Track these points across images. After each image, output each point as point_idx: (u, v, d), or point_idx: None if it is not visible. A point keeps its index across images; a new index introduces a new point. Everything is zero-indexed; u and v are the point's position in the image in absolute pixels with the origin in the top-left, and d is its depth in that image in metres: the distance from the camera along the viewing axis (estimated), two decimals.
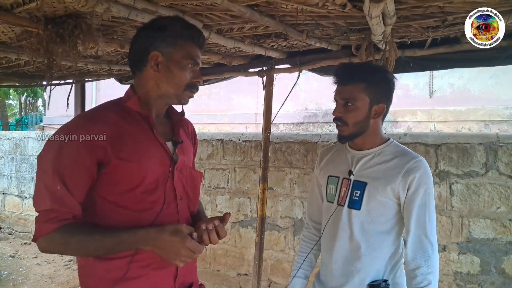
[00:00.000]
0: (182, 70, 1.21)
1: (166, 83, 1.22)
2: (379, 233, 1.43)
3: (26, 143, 5.85)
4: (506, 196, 2.88)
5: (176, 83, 1.22)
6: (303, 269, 1.66)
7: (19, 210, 5.93)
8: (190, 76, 1.23)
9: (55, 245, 1.11)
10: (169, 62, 1.21)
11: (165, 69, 1.21)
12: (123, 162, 1.14)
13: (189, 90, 1.25)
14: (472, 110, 8.14)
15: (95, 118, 1.19)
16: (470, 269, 2.98)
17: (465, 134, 3.15)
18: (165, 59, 1.20)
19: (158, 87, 1.23)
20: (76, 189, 1.11)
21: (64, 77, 3.57)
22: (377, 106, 1.44)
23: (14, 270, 4.66)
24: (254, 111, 10.45)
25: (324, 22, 1.86)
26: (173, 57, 1.21)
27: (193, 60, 1.23)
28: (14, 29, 2.00)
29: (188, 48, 1.23)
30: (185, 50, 1.22)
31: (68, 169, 1.11)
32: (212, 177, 4.17)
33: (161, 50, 1.20)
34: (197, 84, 1.27)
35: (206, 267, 4.17)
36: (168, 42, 1.20)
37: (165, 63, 1.21)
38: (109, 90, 2.42)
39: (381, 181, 1.41)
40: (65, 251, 1.19)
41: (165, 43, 1.20)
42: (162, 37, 1.21)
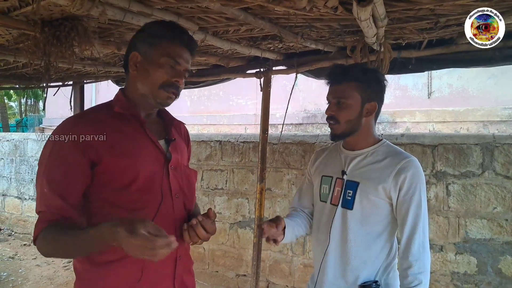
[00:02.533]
0: (158, 68, 1.19)
1: (142, 82, 1.22)
2: (372, 234, 1.45)
3: (26, 144, 5.86)
4: (503, 196, 2.89)
5: (150, 81, 1.20)
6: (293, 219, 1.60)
7: (19, 212, 5.95)
8: (167, 75, 1.20)
9: (43, 245, 1.12)
10: (146, 61, 1.21)
11: (142, 69, 1.21)
12: (114, 160, 1.15)
13: (166, 89, 1.21)
14: (471, 111, 8.15)
15: (85, 118, 1.22)
16: (467, 269, 2.99)
17: (461, 135, 3.16)
18: (143, 58, 1.21)
19: (137, 88, 1.24)
20: (66, 190, 1.12)
21: (62, 79, 3.59)
22: (369, 104, 1.46)
23: (13, 271, 4.67)
24: (253, 112, 10.46)
25: (318, 24, 1.87)
26: (150, 56, 1.20)
27: (172, 59, 1.20)
28: (12, 31, 2.01)
29: (167, 47, 1.21)
30: (163, 49, 1.20)
31: (57, 171, 1.12)
32: (210, 178, 4.18)
33: (140, 50, 1.21)
34: (176, 84, 1.22)
35: (205, 268, 4.18)
36: (147, 42, 1.21)
37: (142, 63, 1.21)
38: (109, 92, 2.46)
39: (373, 181, 1.43)
40: (53, 251, 1.15)
41: (144, 43, 1.22)
42: (142, 38, 1.23)
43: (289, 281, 3.72)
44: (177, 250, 1.26)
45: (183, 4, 1.63)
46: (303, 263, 3.66)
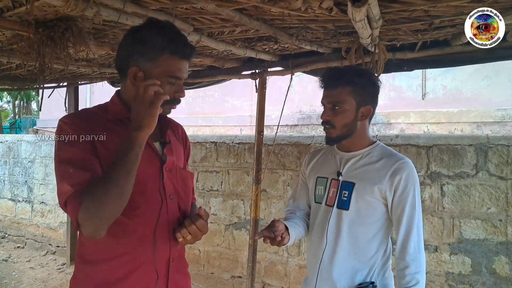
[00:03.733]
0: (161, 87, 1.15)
1: None
2: (367, 234, 1.45)
3: (19, 146, 5.82)
4: (496, 197, 2.90)
5: None
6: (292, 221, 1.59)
7: (12, 214, 5.90)
8: (171, 93, 1.19)
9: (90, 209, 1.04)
10: (147, 78, 1.14)
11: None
12: (109, 161, 1.13)
13: (169, 104, 1.22)
14: (465, 112, 8.20)
15: (83, 116, 1.22)
16: (461, 270, 3.00)
17: (456, 136, 3.18)
18: (144, 74, 1.15)
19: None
20: (91, 166, 1.11)
21: (57, 80, 3.57)
22: (364, 108, 1.47)
23: (7, 274, 4.63)
24: (249, 114, 10.46)
25: (313, 25, 1.87)
26: (151, 73, 1.15)
27: (174, 77, 1.18)
28: (5, 32, 2.00)
29: (169, 64, 1.17)
30: (166, 66, 1.16)
31: (77, 155, 1.11)
32: (205, 180, 4.17)
33: (140, 65, 1.16)
34: (178, 98, 1.23)
35: (200, 270, 4.17)
36: (147, 57, 1.16)
37: (143, 78, 1.15)
38: (104, 94, 2.46)
39: (369, 181, 1.44)
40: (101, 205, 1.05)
41: (144, 58, 1.16)
42: (142, 52, 1.16)
43: (284, 282, 3.72)
44: (170, 253, 1.26)
45: (178, 5, 1.63)
46: (299, 264, 3.66)
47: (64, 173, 1.10)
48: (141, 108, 1.06)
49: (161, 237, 1.23)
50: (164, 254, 1.25)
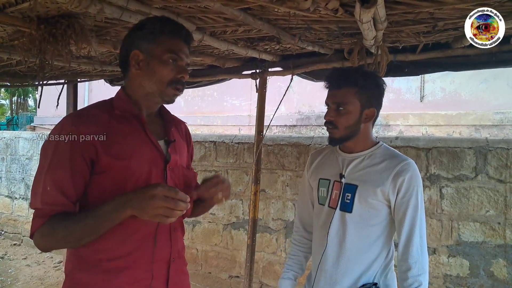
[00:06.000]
0: (163, 65, 1.18)
1: (148, 80, 1.20)
2: (370, 236, 1.45)
3: (17, 143, 5.80)
4: (495, 200, 2.91)
5: (158, 79, 1.19)
6: (293, 271, 1.67)
7: (9, 211, 5.87)
8: (174, 72, 1.20)
9: (46, 237, 1.10)
10: (149, 59, 1.18)
11: (146, 67, 1.19)
12: (113, 160, 1.13)
13: (173, 87, 1.21)
14: (463, 115, 8.23)
15: (85, 117, 1.19)
16: (459, 272, 3.01)
17: (455, 138, 3.18)
18: (146, 56, 1.18)
19: (142, 86, 1.22)
20: (70, 189, 1.11)
21: (56, 77, 3.55)
22: (368, 110, 1.46)
23: (3, 271, 4.61)
24: (248, 113, 10.45)
25: (317, 26, 1.87)
26: (153, 53, 1.18)
27: (175, 54, 1.19)
28: (6, 28, 1.98)
29: (169, 43, 1.19)
30: (165, 45, 1.19)
31: (61, 170, 1.11)
32: None
33: (141, 48, 1.19)
34: (181, 80, 1.22)
35: (198, 269, 4.16)
36: (147, 39, 1.19)
37: (145, 61, 1.19)
38: (102, 91, 2.43)
39: (372, 183, 1.43)
40: (56, 242, 1.12)
41: (144, 40, 1.19)
42: (141, 35, 1.20)
43: None
44: (171, 252, 1.26)
45: (181, 3, 1.62)
46: None
47: (43, 186, 1.11)
48: (151, 208, 1.02)
49: (162, 237, 1.23)
50: (165, 255, 1.24)
